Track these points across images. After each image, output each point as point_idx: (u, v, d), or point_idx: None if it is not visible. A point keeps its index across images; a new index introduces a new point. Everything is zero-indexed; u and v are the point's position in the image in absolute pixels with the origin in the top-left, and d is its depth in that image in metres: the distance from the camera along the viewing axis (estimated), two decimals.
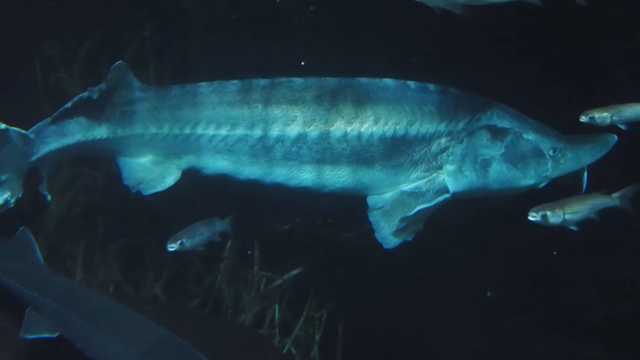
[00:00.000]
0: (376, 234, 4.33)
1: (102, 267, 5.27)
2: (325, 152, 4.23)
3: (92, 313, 3.94)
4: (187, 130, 4.34)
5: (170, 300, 5.31)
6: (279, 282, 5.19)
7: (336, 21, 4.75)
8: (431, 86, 4.31)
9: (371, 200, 4.35)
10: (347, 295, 5.25)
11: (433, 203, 4.22)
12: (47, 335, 3.95)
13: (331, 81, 4.29)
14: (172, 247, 4.38)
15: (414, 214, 4.19)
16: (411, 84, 4.30)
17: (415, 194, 4.28)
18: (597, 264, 5.34)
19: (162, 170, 4.41)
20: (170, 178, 4.40)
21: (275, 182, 4.34)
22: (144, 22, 5.07)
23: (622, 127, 4.13)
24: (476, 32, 4.64)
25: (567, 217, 4.02)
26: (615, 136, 4.24)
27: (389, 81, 4.30)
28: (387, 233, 4.30)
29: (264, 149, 4.26)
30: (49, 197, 4.50)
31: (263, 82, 4.32)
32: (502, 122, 4.30)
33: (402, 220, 4.22)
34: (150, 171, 4.42)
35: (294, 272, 5.19)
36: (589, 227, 5.00)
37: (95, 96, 4.27)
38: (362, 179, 4.27)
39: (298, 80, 4.29)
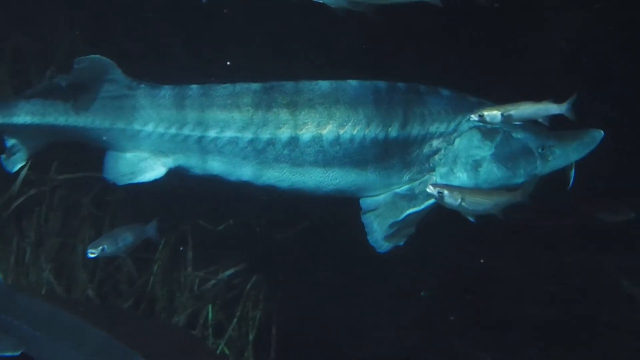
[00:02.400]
0: (368, 237, 4.40)
1: (33, 269, 5.20)
2: (318, 155, 4.25)
3: (55, 329, 3.91)
4: (173, 130, 4.34)
5: (103, 301, 5.25)
6: (212, 282, 5.18)
7: (267, 22, 4.76)
8: (422, 87, 4.37)
9: (364, 202, 4.41)
10: (281, 295, 5.26)
11: (423, 207, 4.27)
12: (10, 353, 3.89)
13: (323, 85, 4.31)
14: (93, 253, 4.29)
15: (404, 218, 4.26)
16: (401, 85, 4.35)
17: (408, 196, 4.33)
18: (530, 263, 5.43)
19: (146, 166, 4.40)
20: (151, 173, 4.40)
21: (267, 185, 4.35)
22: (75, 21, 5.02)
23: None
24: (406, 29, 4.71)
25: (464, 203, 3.97)
26: (602, 132, 4.33)
27: (380, 83, 4.33)
28: (380, 237, 4.37)
29: (255, 151, 4.27)
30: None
31: (255, 86, 4.33)
32: None
33: (391, 225, 4.27)
34: (134, 166, 4.41)
35: (228, 272, 5.19)
36: (522, 227, 5.14)
37: (63, 83, 4.32)
38: (355, 181, 4.30)
39: (290, 84, 4.31)
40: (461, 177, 4.32)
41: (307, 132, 4.23)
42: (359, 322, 5.43)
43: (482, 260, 5.31)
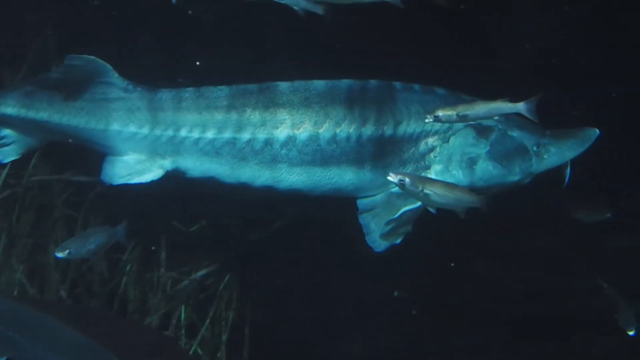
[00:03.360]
0: (366, 238, 4.38)
1: (5, 270, 5.18)
2: (315, 154, 4.25)
3: (37, 333, 3.89)
4: (169, 132, 4.35)
5: (75, 302, 5.24)
6: (185, 283, 5.18)
7: (240, 22, 4.77)
8: (416, 86, 4.37)
9: (361, 203, 4.40)
10: (254, 295, 5.27)
11: (418, 204, 4.23)
12: None
13: (318, 84, 4.31)
14: (60, 255, 4.28)
15: (399, 215, 4.24)
16: (397, 84, 4.36)
17: (403, 195, 4.26)
18: (502, 263, 5.46)
19: (143, 168, 4.39)
20: (148, 175, 4.38)
21: (265, 185, 4.35)
22: (47, 22, 5.01)
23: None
24: (378, 29, 4.74)
25: (425, 193, 3.88)
26: (597, 130, 4.33)
27: (374, 82, 4.35)
28: (377, 236, 4.35)
29: (253, 152, 4.26)
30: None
31: (251, 87, 4.33)
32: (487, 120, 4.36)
33: (387, 222, 4.27)
34: (131, 168, 4.39)
35: (200, 273, 5.19)
36: (494, 226, 5.17)
37: (54, 76, 4.39)
38: (353, 180, 4.29)
39: (285, 84, 4.32)
40: (456, 174, 4.33)
41: (304, 131, 4.24)
42: (333, 323, 5.45)
43: (452, 264, 5.33)
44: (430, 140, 4.32)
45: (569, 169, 4.38)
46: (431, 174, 4.33)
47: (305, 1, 3.70)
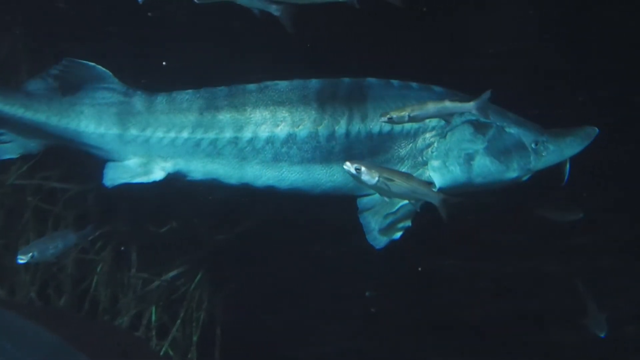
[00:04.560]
0: (367, 236, 4.40)
1: None
2: (315, 151, 4.29)
3: (13, 335, 3.87)
4: (171, 134, 4.37)
5: (45, 303, 5.21)
6: (156, 284, 5.17)
7: (215, 22, 4.78)
8: (414, 84, 4.42)
9: (360, 202, 4.42)
10: (225, 296, 5.27)
11: None
12: None
13: (315, 82, 4.38)
14: (22, 259, 4.28)
15: (397, 209, 4.27)
16: (394, 82, 4.41)
17: None
18: (476, 264, 5.49)
19: (144, 170, 4.42)
20: (149, 176, 4.41)
21: (267, 185, 4.38)
22: (15, 21, 4.99)
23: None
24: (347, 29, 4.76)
25: (381, 182, 3.87)
26: (597, 128, 4.37)
27: (372, 80, 4.41)
28: (377, 234, 4.37)
29: (254, 151, 4.30)
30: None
31: (250, 86, 4.39)
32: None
33: (386, 216, 4.29)
34: (132, 170, 4.43)
35: (171, 273, 5.18)
36: (466, 227, 5.20)
37: (51, 77, 4.45)
38: None
39: (283, 83, 4.38)
40: (454, 170, 4.36)
41: (304, 129, 4.28)
42: (304, 323, 5.46)
43: (419, 269, 5.35)
44: (428, 137, 4.36)
45: (567, 167, 4.40)
46: (429, 170, 4.37)
47: (260, 1, 3.71)
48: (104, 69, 4.44)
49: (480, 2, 4.89)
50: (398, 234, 4.39)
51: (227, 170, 4.37)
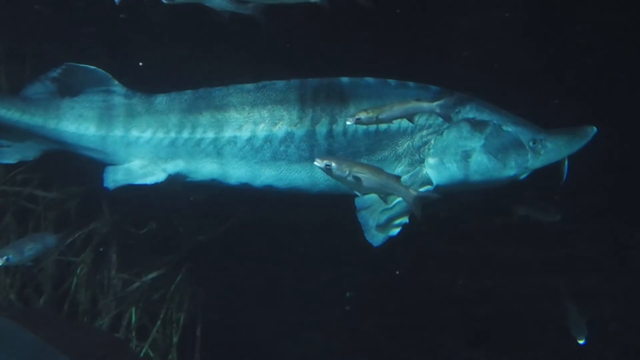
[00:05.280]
0: (365, 235, 4.40)
1: None
2: (312, 149, 4.32)
3: (6, 342, 3.88)
4: (172, 134, 4.39)
5: (25, 305, 5.20)
6: (136, 284, 5.17)
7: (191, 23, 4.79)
8: (411, 83, 4.43)
9: (358, 201, 4.40)
10: (206, 296, 5.27)
11: None
12: None
13: (313, 81, 4.41)
14: None
15: (394, 205, 4.28)
16: (391, 81, 4.43)
17: None
18: (453, 263, 5.51)
19: (146, 172, 4.44)
20: (151, 178, 4.43)
21: (265, 185, 4.40)
22: None
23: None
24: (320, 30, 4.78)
25: (351, 176, 3.86)
26: (595, 128, 4.37)
27: (370, 79, 4.43)
28: (374, 231, 4.37)
29: (253, 150, 4.32)
30: None
31: (248, 86, 4.43)
32: (482, 115, 4.41)
33: (382, 212, 4.30)
34: (134, 173, 4.44)
35: (151, 274, 5.17)
36: (450, 227, 5.22)
37: (51, 79, 4.47)
38: None
39: (281, 83, 4.41)
40: (451, 167, 4.37)
41: (301, 127, 4.31)
42: (285, 324, 5.47)
43: (397, 272, 5.35)
44: (425, 134, 4.38)
45: (566, 165, 4.41)
46: (426, 168, 4.38)
47: (230, 3, 3.72)
48: (104, 72, 4.48)
49: (455, 5, 4.90)
50: (395, 231, 4.40)
51: (226, 170, 4.39)
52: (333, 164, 3.83)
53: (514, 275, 5.51)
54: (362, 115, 3.91)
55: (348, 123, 4.00)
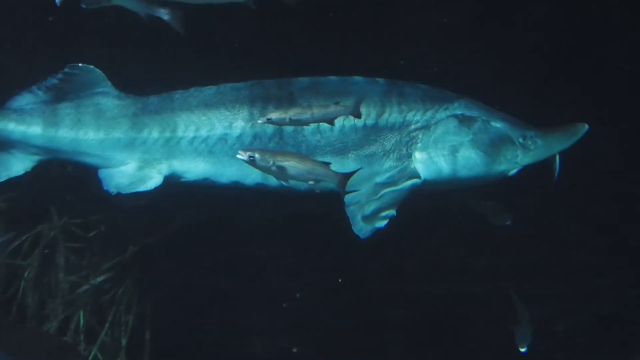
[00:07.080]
0: (353, 228, 4.42)
1: None
2: (300, 145, 4.36)
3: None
4: (167, 134, 4.41)
5: None
6: (84, 287, 5.14)
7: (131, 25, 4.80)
8: (399, 82, 4.49)
9: (347, 197, 4.41)
10: (155, 298, 5.25)
11: (400, 186, 4.33)
12: None
13: (303, 80, 4.47)
14: None
15: (381, 195, 4.33)
16: (380, 80, 4.49)
17: (388, 184, 4.38)
18: (402, 263, 5.54)
19: (144, 175, 4.43)
20: (151, 181, 4.44)
21: (255, 183, 4.43)
22: None
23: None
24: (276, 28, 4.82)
25: (276, 166, 3.85)
26: (586, 125, 4.40)
27: (358, 78, 4.50)
28: (362, 224, 4.39)
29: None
30: None
31: (238, 84, 4.49)
32: (470, 112, 4.46)
33: (369, 203, 4.33)
34: (132, 176, 4.44)
35: (100, 277, 5.15)
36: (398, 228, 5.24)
37: (50, 86, 4.48)
38: (338, 170, 4.26)
39: (269, 81, 4.48)
40: (438, 162, 4.40)
41: None
42: (235, 325, 5.46)
43: (339, 280, 5.37)
44: (413, 129, 4.42)
45: (557, 162, 4.43)
46: (414, 162, 4.42)
47: (146, 5, 3.75)
48: (100, 72, 4.51)
49: (398, 5, 4.96)
50: (383, 223, 4.41)
51: (218, 169, 4.43)
52: (256, 155, 3.81)
53: (464, 277, 5.55)
54: (273, 116, 3.96)
55: (259, 122, 4.05)
